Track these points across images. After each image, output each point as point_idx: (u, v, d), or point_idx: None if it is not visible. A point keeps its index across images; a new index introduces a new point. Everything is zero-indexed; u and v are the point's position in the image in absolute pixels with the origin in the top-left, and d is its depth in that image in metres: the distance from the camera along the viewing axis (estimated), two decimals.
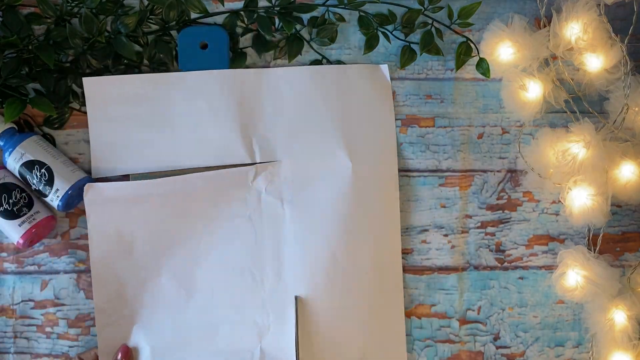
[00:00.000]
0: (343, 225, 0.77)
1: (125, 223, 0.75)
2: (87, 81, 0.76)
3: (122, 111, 0.76)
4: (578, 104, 0.81)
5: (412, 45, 0.81)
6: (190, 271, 0.76)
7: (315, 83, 0.78)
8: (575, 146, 0.76)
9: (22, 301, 0.78)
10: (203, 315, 0.76)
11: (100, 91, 0.76)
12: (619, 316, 0.78)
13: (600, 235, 0.81)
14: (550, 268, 0.82)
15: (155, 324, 0.75)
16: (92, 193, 0.74)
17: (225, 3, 0.79)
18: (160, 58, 0.77)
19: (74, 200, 0.75)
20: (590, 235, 0.82)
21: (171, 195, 0.75)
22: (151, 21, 0.78)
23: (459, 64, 0.81)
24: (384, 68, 0.80)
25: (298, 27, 0.79)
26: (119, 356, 0.74)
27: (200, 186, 0.75)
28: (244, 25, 0.79)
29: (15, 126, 0.75)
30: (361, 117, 0.79)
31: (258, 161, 0.77)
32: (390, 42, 0.81)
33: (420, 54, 0.80)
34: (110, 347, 0.75)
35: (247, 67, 0.79)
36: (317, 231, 0.77)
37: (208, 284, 0.76)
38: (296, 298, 0.76)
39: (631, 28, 0.79)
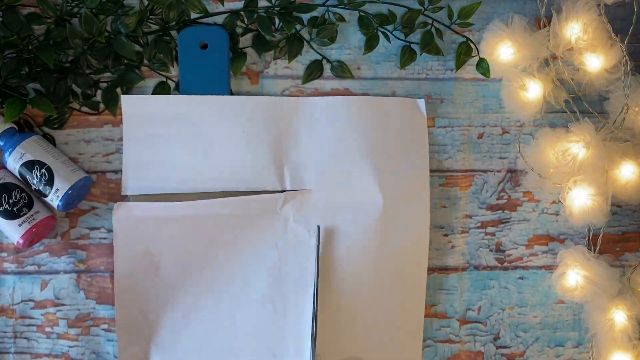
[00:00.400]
0: (370, 259, 0.77)
1: (152, 243, 0.75)
2: (125, 99, 0.76)
3: (157, 130, 0.76)
4: (578, 104, 0.81)
5: (412, 45, 0.81)
6: (214, 296, 0.76)
7: (351, 114, 0.78)
8: (575, 146, 0.76)
9: (22, 301, 0.77)
10: (224, 342, 0.75)
11: (138, 109, 0.76)
12: (619, 316, 0.78)
13: (600, 235, 0.81)
14: (550, 268, 0.82)
15: (176, 346, 0.75)
16: (122, 212, 0.75)
17: (225, 3, 0.79)
18: (160, 58, 0.78)
19: (74, 200, 0.75)
20: (590, 235, 0.82)
21: (199, 218, 0.75)
22: (151, 21, 0.78)
23: (459, 64, 0.81)
24: (421, 102, 0.80)
25: (298, 27, 0.79)
26: None
27: (229, 211, 0.76)
28: (244, 25, 0.79)
29: (15, 126, 0.75)
30: (395, 151, 0.78)
31: (288, 189, 0.77)
32: (390, 42, 0.81)
33: (420, 54, 0.80)
34: None
35: (247, 67, 0.80)
36: (343, 263, 0.77)
37: (230, 310, 0.76)
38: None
39: (631, 28, 0.79)
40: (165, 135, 0.76)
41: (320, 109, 0.78)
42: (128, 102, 0.76)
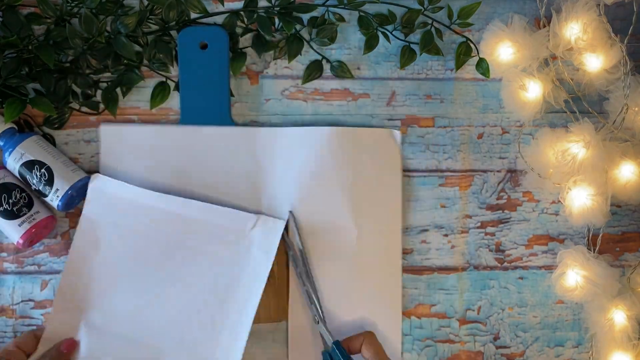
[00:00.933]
0: (335, 295, 0.77)
1: (117, 223, 0.75)
2: (103, 129, 0.77)
3: (136, 162, 0.77)
4: (578, 104, 0.81)
5: (412, 45, 0.81)
6: (158, 294, 0.75)
7: (327, 145, 0.78)
8: (575, 146, 0.76)
9: (22, 301, 0.77)
10: (152, 341, 0.74)
11: (116, 140, 0.77)
12: (619, 316, 0.78)
13: (600, 235, 0.81)
14: (550, 268, 0.82)
15: (104, 330, 0.74)
16: (98, 182, 0.75)
17: (225, 3, 0.79)
18: (160, 58, 0.78)
19: (74, 200, 0.75)
20: (590, 235, 0.82)
21: (168, 213, 0.75)
22: (151, 21, 0.78)
23: (459, 64, 0.81)
24: (396, 134, 0.80)
25: (298, 27, 0.79)
26: (63, 347, 0.72)
27: (199, 216, 0.75)
28: (244, 25, 0.79)
29: (15, 126, 0.75)
30: (369, 181, 0.78)
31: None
32: (390, 42, 0.81)
33: (420, 54, 0.80)
34: (56, 335, 0.73)
35: (247, 67, 0.80)
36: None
37: (166, 316, 0.74)
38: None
39: (631, 28, 0.79)
40: (144, 165, 0.77)
41: (297, 138, 0.78)
42: (106, 133, 0.77)
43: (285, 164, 0.78)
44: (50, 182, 0.73)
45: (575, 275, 0.78)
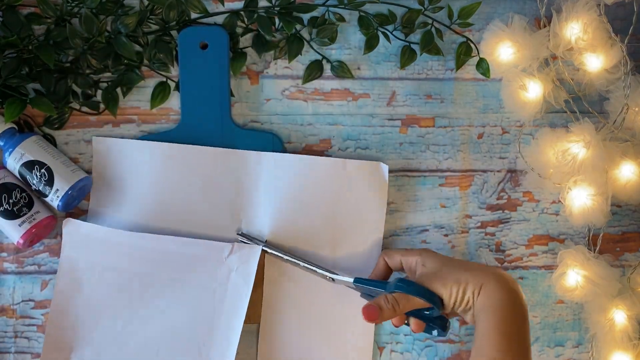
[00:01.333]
0: (310, 323, 0.78)
1: (95, 262, 0.75)
2: (95, 141, 0.77)
3: (124, 172, 0.77)
4: (578, 104, 0.81)
5: (412, 45, 0.81)
6: (144, 326, 0.75)
7: (312, 174, 0.78)
8: (575, 146, 0.76)
9: (23, 301, 0.78)
10: None
11: (107, 150, 0.77)
12: (619, 316, 0.78)
13: (600, 235, 0.81)
14: (550, 268, 0.82)
15: None
16: (71, 226, 0.76)
17: (225, 3, 0.79)
18: (161, 58, 0.78)
19: (74, 200, 0.75)
20: (590, 235, 0.82)
21: (144, 250, 0.75)
22: (151, 21, 0.78)
23: (459, 64, 0.81)
24: (384, 167, 0.79)
25: (298, 27, 0.79)
26: None
27: (174, 250, 0.75)
28: (244, 25, 0.79)
29: (15, 126, 0.75)
30: (352, 214, 0.78)
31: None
32: (390, 42, 0.81)
33: (420, 54, 0.80)
34: None
35: (247, 67, 0.80)
36: (286, 323, 0.78)
37: (154, 347, 0.75)
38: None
39: (631, 28, 0.79)
40: (131, 176, 0.77)
41: (281, 165, 0.77)
42: (98, 143, 0.77)
43: (268, 189, 0.77)
44: (50, 182, 0.73)
45: (575, 275, 0.78)
